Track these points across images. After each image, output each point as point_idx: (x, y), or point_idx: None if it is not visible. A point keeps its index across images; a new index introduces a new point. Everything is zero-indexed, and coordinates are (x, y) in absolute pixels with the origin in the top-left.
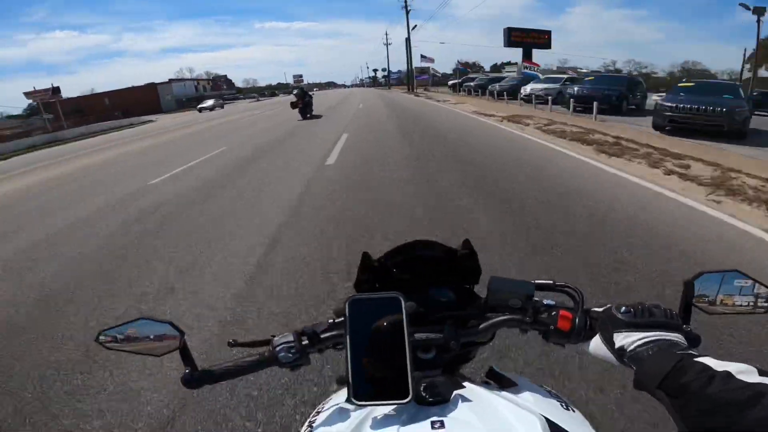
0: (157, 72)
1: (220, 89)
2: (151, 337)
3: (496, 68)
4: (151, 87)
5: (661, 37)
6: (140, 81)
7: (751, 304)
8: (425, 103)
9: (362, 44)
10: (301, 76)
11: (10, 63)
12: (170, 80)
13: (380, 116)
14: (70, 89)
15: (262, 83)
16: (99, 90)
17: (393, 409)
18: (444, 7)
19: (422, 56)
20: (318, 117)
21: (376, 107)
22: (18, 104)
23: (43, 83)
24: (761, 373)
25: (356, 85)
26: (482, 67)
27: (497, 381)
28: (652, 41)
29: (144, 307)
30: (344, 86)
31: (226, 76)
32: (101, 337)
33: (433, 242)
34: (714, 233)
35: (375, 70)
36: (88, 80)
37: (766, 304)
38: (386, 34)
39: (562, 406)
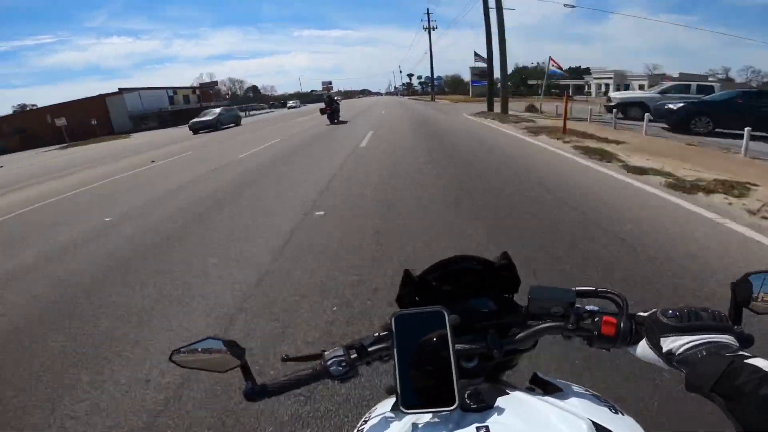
0: (202, 78)
1: (211, 100)
2: (216, 353)
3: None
4: (99, 100)
5: (714, 43)
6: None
7: None
8: None
9: (398, 51)
10: (330, 82)
11: (74, 66)
12: (121, 90)
13: None
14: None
15: (298, 89)
16: None
17: (438, 417)
18: (467, 13)
19: (476, 54)
20: (344, 122)
21: None
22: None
23: (101, 87)
24: None
25: (390, 93)
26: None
27: (542, 387)
28: (703, 47)
29: None
30: (379, 94)
31: (216, 82)
32: (174, 356)
33: (471, 256)
34: None
35: (410, 75)
36: (140, 84)
37: None
38: (428, 13)
39: (611, 410)
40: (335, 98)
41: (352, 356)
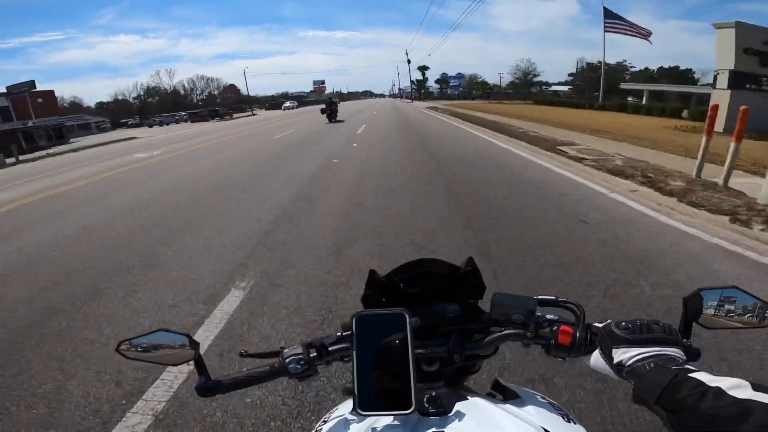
0: (159, 76)
1: (28, 115)
2: (169, 347)
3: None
4: None
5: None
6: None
7: (750, 318)
8: None
9: (403, 54)
10: (323, 82)
11: (81, 64)
12: None
13: None
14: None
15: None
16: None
17: (396, 420)
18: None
19: (608, 11)
20: (341, 121)
21: None
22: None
23: (109, 85)
24: (755, 387)
25: (394, 96)
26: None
27: (502, 393)
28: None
29: None
30: (383, 96)
31: (33, 82)
32: (122, 347)
33: (438, 260)
34: None
35: (423, 69)
36: (146, 83)
37: (765, 320)
38: None
39: (564, 419)
40: (334, 100)
41: (312, 355)
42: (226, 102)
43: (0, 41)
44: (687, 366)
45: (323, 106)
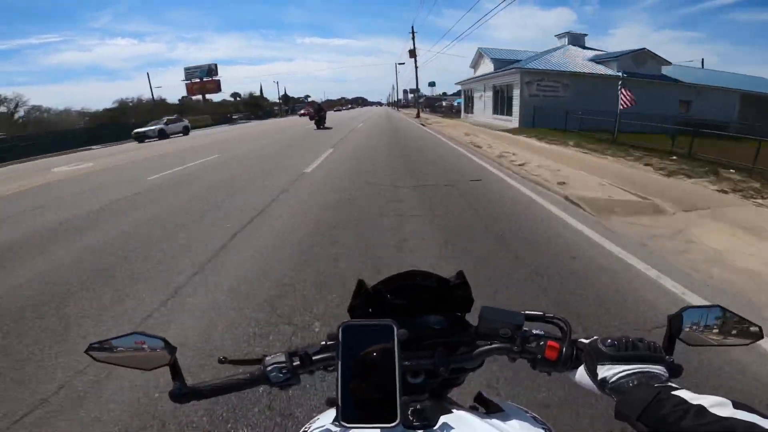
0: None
1: None
2: (143, 350)
3: None
4: None
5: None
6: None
7: (732, 336)
8: None
9: (399, 60)
10: (211, 70)
11: (77, 66)
12: None
13: None
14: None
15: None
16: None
17: None
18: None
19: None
20: (329, 128)
21: None
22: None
23: (104, 87)
24: (736, 405)
25: (392, 104)
26: None
27: (485, 406)
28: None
29: None
30: (380, 104)
31: None
32: (92, 350)
33: (428, 272)
34: None
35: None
36: (141, 87)
37: (745, 338)
38: None
39: None
40: (323, 108)
41: (295, 363)
42: None
43: None
44: (669, 383)
45: (311, 111)
